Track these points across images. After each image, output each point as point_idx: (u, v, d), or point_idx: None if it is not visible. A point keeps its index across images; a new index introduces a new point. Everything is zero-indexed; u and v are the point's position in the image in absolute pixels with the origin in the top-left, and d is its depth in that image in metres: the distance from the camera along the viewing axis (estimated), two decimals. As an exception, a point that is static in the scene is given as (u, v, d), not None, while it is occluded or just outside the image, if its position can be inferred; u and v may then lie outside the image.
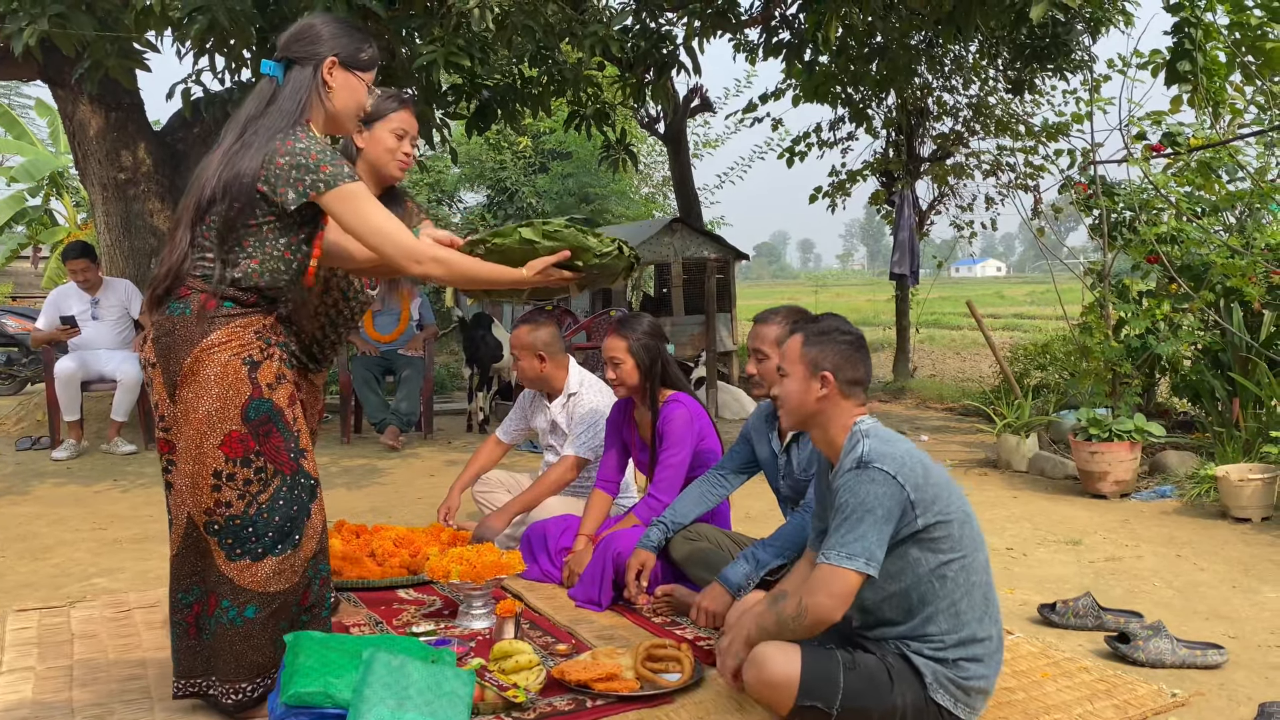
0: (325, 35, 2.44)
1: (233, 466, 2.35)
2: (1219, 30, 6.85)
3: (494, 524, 4.06)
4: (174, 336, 2.33)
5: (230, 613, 2.40)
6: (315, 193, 2.31)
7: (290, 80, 2.41)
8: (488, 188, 19.32)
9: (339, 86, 2.45)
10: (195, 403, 2.33)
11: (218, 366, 2.32)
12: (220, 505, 2.37)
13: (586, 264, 2.59)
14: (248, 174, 2.29)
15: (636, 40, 7.32)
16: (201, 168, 2.41)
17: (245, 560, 2.39)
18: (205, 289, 2.33)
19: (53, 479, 6.11)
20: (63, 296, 6.99)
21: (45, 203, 15.75)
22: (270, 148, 2.30)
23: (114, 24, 5.53)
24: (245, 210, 2.31)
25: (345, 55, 2.45)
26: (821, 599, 2.27)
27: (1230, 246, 6.07)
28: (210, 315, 2.33)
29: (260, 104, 2.40)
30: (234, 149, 2.35)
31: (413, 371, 7.54)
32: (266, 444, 2.38)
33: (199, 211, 2.34)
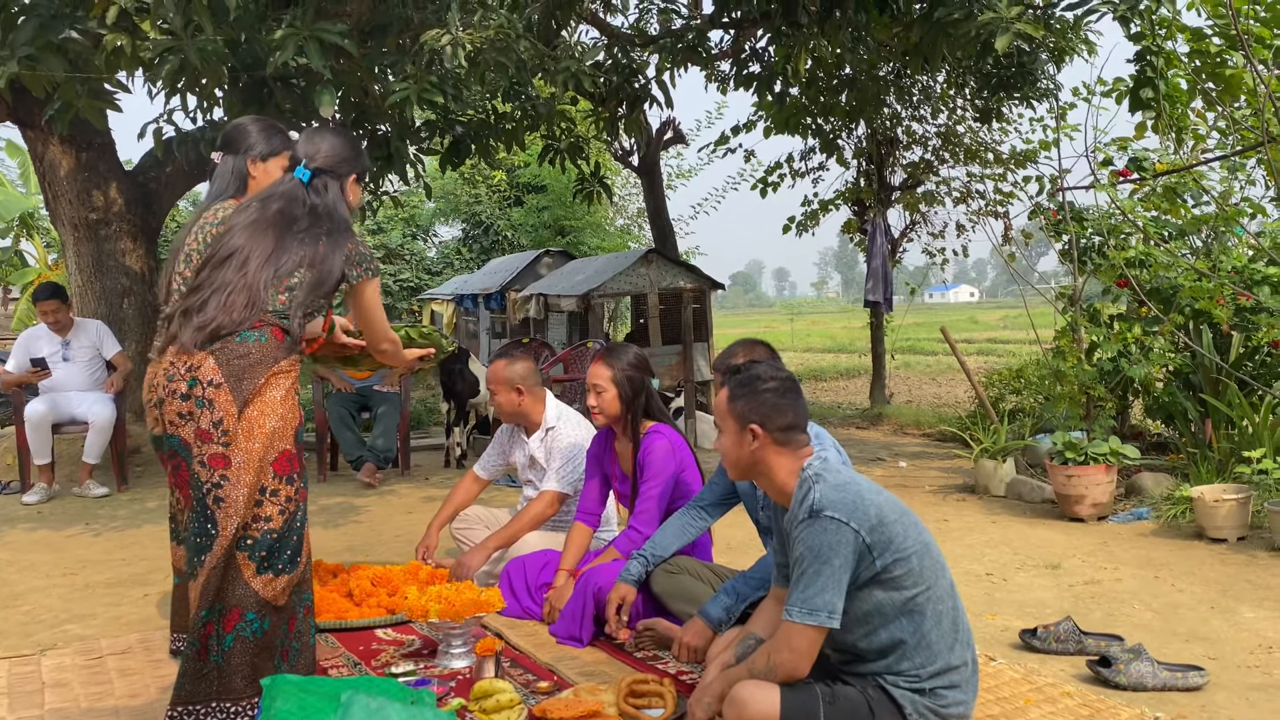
0: (349, 155, 2.97)
1: (278, 483, 2.62)
2: (1180, 58, 6.99)
3: (472, 561, 4.02)
4: (249, 359, 2.62)
5: (254, 625, 2.57)
6: (367, 277, 2.87)
7: (331, 189, 2.91)
8: (463, 221, 19.35)
9: (353, 196, 3.03)
10: (262, 420, 2.60)
11: (283, 390, 2.66)
12: (259, 520, 2.58)
13: (439, 354, 3.59)
14: (337, 265, 2.79)
15: (609, 75, 7.39)
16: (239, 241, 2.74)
17: (269, 574, 2.59)
18: (276, 324, 2.68)
19: (23, 524, 6.01)
20: (33, 338, 6.91)
21: (15, 244, 15.64)
22: (344, 244, 2.83)
23: (84, 65, 5.52)
24: (326, 283, 2.78)
25: (361, 172, 3.02)
26: (786, 656, 2.32)
27: (1197, 269, 6.16)
28: (280, 344, 2.68)
29: (304, 201, 2.84)
30: (303, 235, 2.77)
31: (389, 407, 7.49)
32: (300, 468, 2.69)
33: (277, 275, 2.71)
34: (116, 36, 4.99)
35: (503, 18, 5.35)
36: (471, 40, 5.23)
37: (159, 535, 5.57)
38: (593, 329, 9.86)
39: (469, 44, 5.23)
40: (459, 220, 19.49)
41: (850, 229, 11.36)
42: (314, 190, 2.88)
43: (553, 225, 17.97)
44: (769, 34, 8.33)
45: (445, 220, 19.94)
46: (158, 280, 8.28)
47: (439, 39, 5.22)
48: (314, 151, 2.93)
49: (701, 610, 3.15)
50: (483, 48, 5.33)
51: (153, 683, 3.25)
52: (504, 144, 7.50)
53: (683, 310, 9.25)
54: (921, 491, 6.43)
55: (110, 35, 4.99)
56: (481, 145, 7.35)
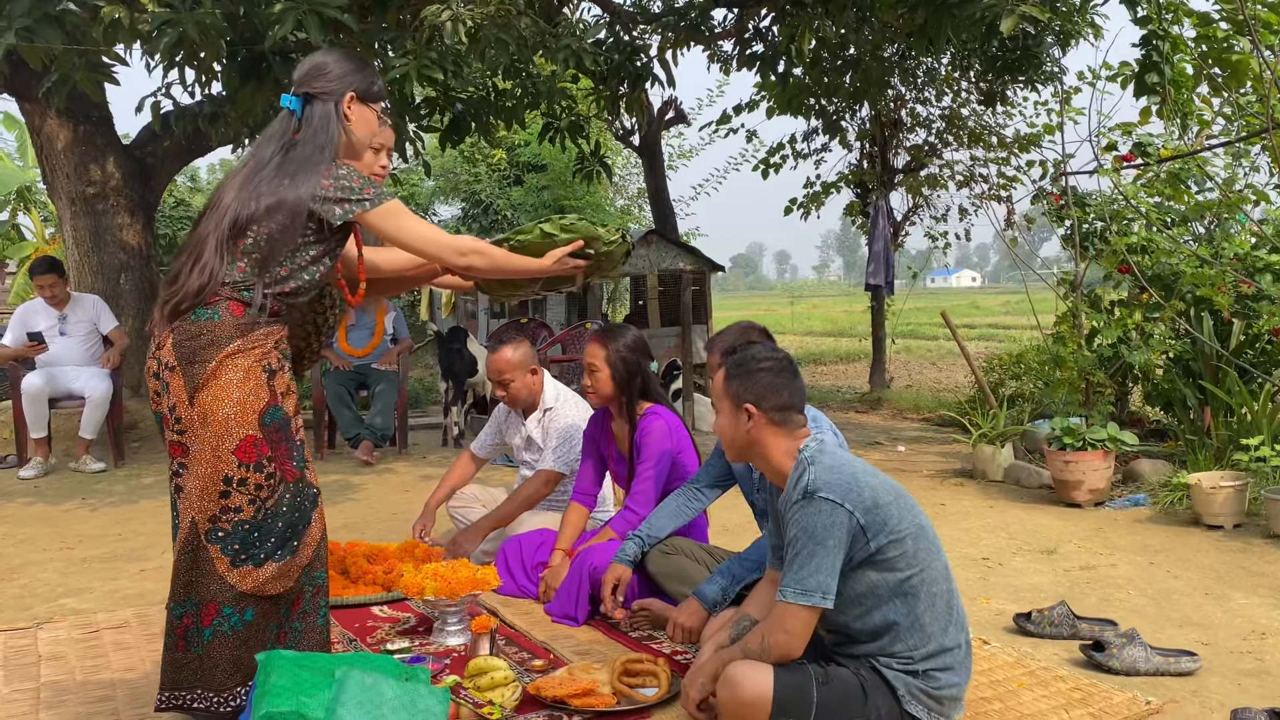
0: (340, 72, 2.62)
1: (245, 471, 2.41)
2: (1186, 43, 6.94)
3: (469, 540, 4.03)
4: (200, 340, 2.40)
5: (232, 619, 2.43)
6: (361, 210, 2.49)
7: (316, 114, 2.57)
8: (462, 200, 19.29)
9: (357, 119, 2.64)
10: (215, 406, 2.39)
11: (240, 371, 2.41)
12: (229, 511, 2.41)
13: (597, 252, 2.87)
14: (293, 199, 2.45)
15: (610, 53, 7.34)
16: (222, 190, 2.52)
17: (248, 566, 2.42)
18: (234, 296, 2.43)
19: (20, 498, 6.01)
20: (30, 312, 6.90)
21: (12, 218, 15.57)
22: (316, 175, 2.48)
23: (82, 38, 5.48)
24: (291, 228, 2.45)
25: (361, 89, 2.64)
26: (780, 637, 2.31)
27: (1199, 256, 6.14)
28: (238, 321, 2.42)
29: (285, 135, 2.55)
30: (272, 177, 2.47)
31: (387, 386, 7.49)
32: (277, 451, 2.45)
33: (234, 231, 2.44)
34: (114, 9, 4.96)
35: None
36: (472, 16, 5.20)
37: (155, 510, 5.57)
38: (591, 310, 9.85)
39: (469, 20, 5.19)
40: (458, 199, 19.43)
41: (852, 212, 11.32)
42: (304, 120, 2.57)
43: (552, 205, 17.91)
44: (773, 13, 8.28)
45: (445, 199, 19.88)
46: (155, 255, 8.28)
47: (439, 15, 5.19)
48: (304, 73, 2.61)
49: (696, 591, 3.15)
50: (483, 24, 5.30)
51: (148, 657, 3.25)
52: (504, 122, 7.46)
53: (682, 292, 9.23)
54: (919, 476, 6.44)
55: (108, 8, 4.95)
56: (481, 123, 7.32)
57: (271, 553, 2.44)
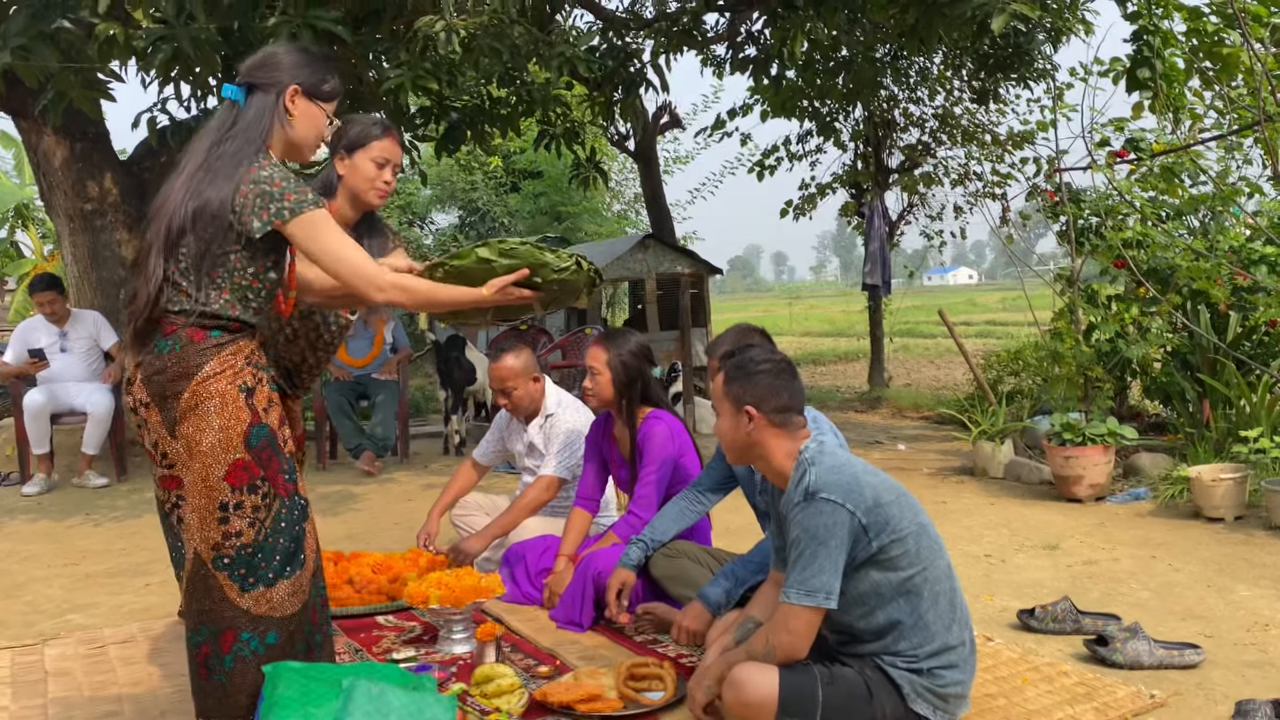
0: (289, 64, 2.44)
1: (240, 495, 2.33)
2: (1176, 37, 6.96)
3: (472, 548, 4.03)
4: (168, 374, 2.30)
5: (252, 644, 2.36)
6: (280, 220, 2.29)
7: (252, 105, 2.40)
8: (459, 208, 19.31)
9: (300, 115, 2.45)
10: (198, 436, 2.30)
11: (216, 397, 2.30)
12: (230, 537, 2.33)
13: (546, 280, 2.58)
14: (216, 203, 2.28)
15: (604, 59, 7.37)
16: (165, 193, 2.39)
17: (260, 589, 2.35)
18: (189, 323, 2.31)
19: (23, 515, 6.03)
20: (30, 329, 6.91)
21: (10, 235, 15.58)
22: (237, 176, 2.29)
23: (77, 55, 5.50)
24: (215, 240, 2.30)
25: (308, 84, 2.44)
26: (784, 638, 2.33)
27: (1195, 249, 6.16)
28: (201, 347, 2.31)
29: (223, 128, 2.39)
30: (199, 176, 2.33)
31: (387, 396, 7.50)
32: (268, 469, 2.37)
33: (169, 241, 2.32)
34: (109, 25, 4.98)
35: (496, 3, 5.33)
36: (465, 26, 5.22)
37: (158, 525, 5.55)
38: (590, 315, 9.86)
39: (463, 30, 5.22)
40: (455, 207, 19.45)
41: (848, 212, 11.35)
42: (242, 112, 2.39)
43: (549, 211, 17.95)
44: (764, 16, 8.31)
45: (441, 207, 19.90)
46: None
47: (433, 25, 5.21)
48: (251, 63, 2.44)
49: (700, 593, 3.16)
50: (477, 33, 5.32)
51: (155, 671, 3.26)
52: (499, 130, 7.49)
53: (680, 295, 9.24)
54: (920, 474, 6.45)
55: (103, 24, 4.97)
56: (477, 131, 7.35)
57: (280, 571, 2.38)
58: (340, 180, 3.19)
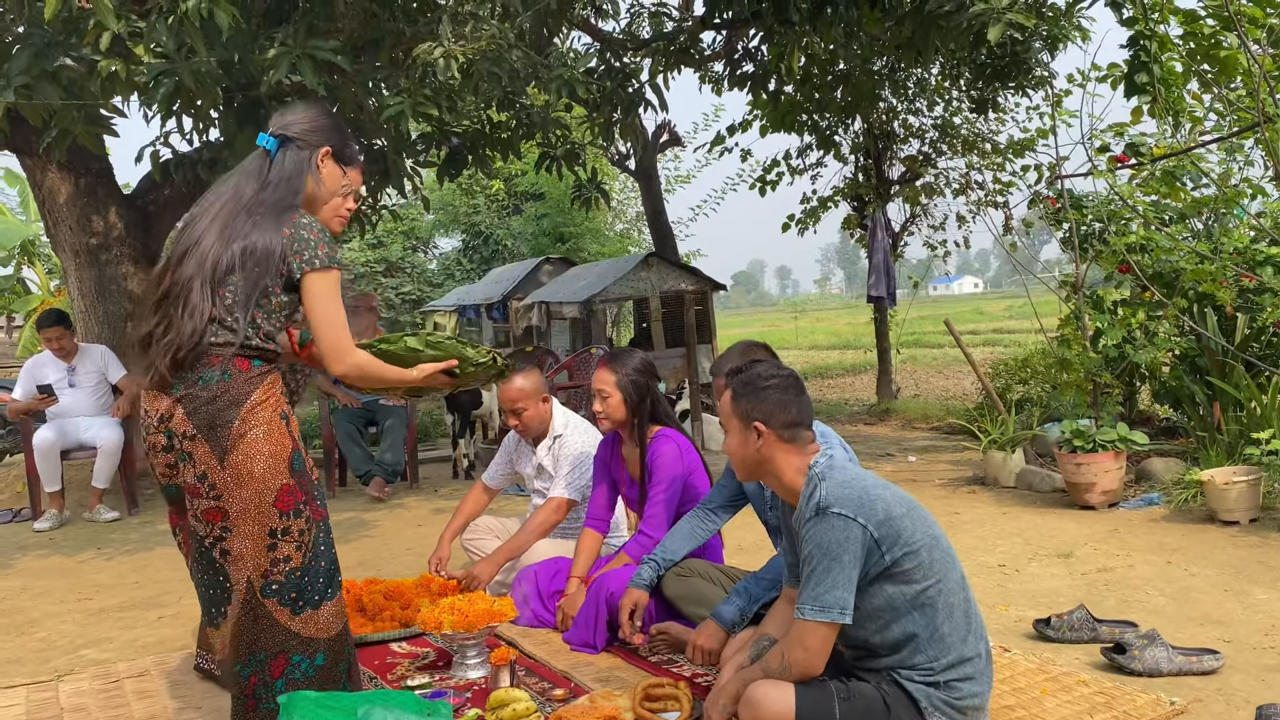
0: (322, 126, 2.64)
1: (287, 520, 2.41)
2: (1173, 41, 6.98)
3: (484, 572, 4.03)
4: (218, 403, 2.37)
5: (303, 665, 2.42)
6: (310, 268, 2.45)
7: (289, 158, 2.57)
8: (462, 232, 19.40)
9: (326, 175, 2.63)
10: (249, 464, 2.37)
11: (264, 424, 2.40)
12: (278, 562, 2.40)
13: (464, 371, 2.86)
14: (265, 247, 2.42)
15: (602, 80, 7.40)
16: (196, 231, 2.48)
17: (308, 611, 2.43)
18: (237, 354, 2.41)
19: (35, 551, 6.03)
20: (38, 365, 6.93)
21: (17, 271, 15.69)
22: (283, 223, 2.46)
23: (80, 91, 5.55)
24: (262, 278, 2.43)
25: (337, 148, 2.64)
26: (799, 655, 2.32)
27: (1199, 252, 6.15)
28: (248, 375, 2.41)
29: (260, 175, 2.54)
30: (243, 219, 2.46)
31: (395, 421, 7.50)
32: (307, 494, 2.46)
33: (215, 278, 2.42)
34: (111, 62, 5.02)
35: (494, 28, 5.37)
36: (464, 52, 5.26)
37: (171, 557, 5.58)
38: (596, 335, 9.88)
39: (461, 56, 5.25)
40: (458, 231, 19.54)
41: (850, 225, 11.36)
42: (275, 162, 2.56)
43: (552, 232, 18.01)
44: (761, 33, 8.34)
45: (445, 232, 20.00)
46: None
47: (431, 52, 5.24)
48: (286, 120, 2.63)
49: (714, 612, 3.15)
50: (475, 59, 5.35)
51: (170, 704, 3.25)
52: (500, 153, 7.52)
53: (685, 313, 9.25)
54: (931, 485, 6.43)
55: (104, 61, 5.01)
56: (478, 155, 7.38)
57: (323, 592, 2.46)
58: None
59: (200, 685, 3.39)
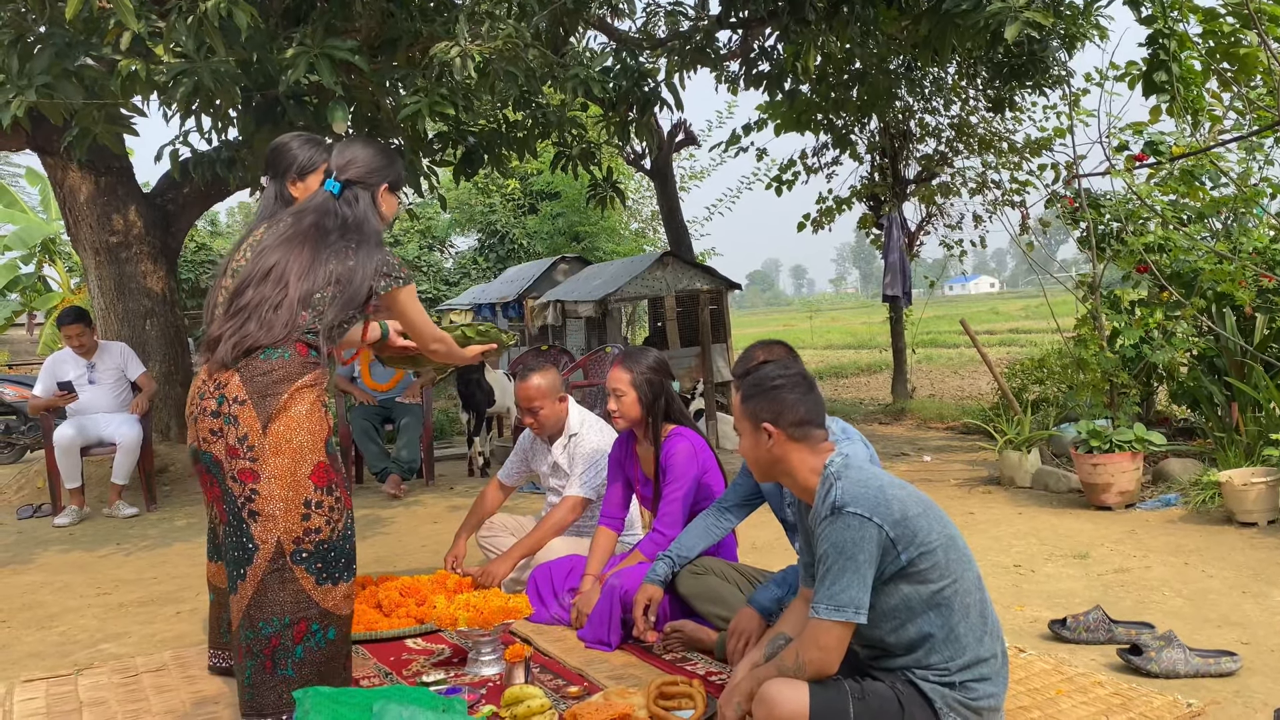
0: (378, 166, 3.00)
1: (320, 494, 2.66)
2: (1193, 40, 6.93)
3: (499, 569, 4.04)
4: (272, 376, 2.65)
5: (318, 635, 2.63)
6: (396, 286, 2.89)
7: (362, 201, 2.95)
8: (478, 231, 19.44)
9: (386, 208, 3.04)
10: (289, 434, 2.63)
11: (308, 404, 2.68)
12: (311, 532, 2.64)
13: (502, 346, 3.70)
14: (362, 277, 2.81)
15: (618, 80, 7.40)
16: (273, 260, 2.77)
17: (329, 584, 2.66)
18: (301, 339, 2.72)
19: (56, 546, 6.09)
20: (59, 362, 7.00)
21: (38, 269, 15.82)
22: (371, 258, 2.85)
23: (100, 91, 5.59)
24: (354, 297, 2.81)
25: (393, 181, 3.03)
26: (814, 654, 2.31)
27: (1218, 252, 6.11)
28: (305, 360, 2.71)
29: (335, 214, 2.88)
30: (327, 252, 2.80)
31: (411, 419, 7.53)
32: (338, 477, 2.73)
33: (309, 295, 2.75)
34: (131, 62, 5.05)
35: (510, 27, 5.38)
36: (480, 51, 5.27)
37: (189, 553, 5.63)
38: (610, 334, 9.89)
39: (478, 55, 5.26)
40: (474, 230, 19.59)
41: (866, 224, 11.33)
42: (345, 202, 2.92)
43: (567, 231, 18.03)
44: (777, 32, 8.33)
45: (461, 231, 20.04)
46: (179, 300, 8.39)
47: (448, 51, 5.26)
48: (344, 163, 2.96)
49: (752, 599, 3.13)
50: (491, 58, 5.37)
51: (188, 699, 3.28)
52: (516, 153, 7.53)
53: (700, 312, 9.25)
54: (947, 485, 6.41)
55: (124, 61, 5.05)
56: (494, 155, 7.40)
57: (342, 573, 2.69)
58: (292, 201, 3.24)
59: (218, 680, 3.41)
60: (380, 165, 3.00)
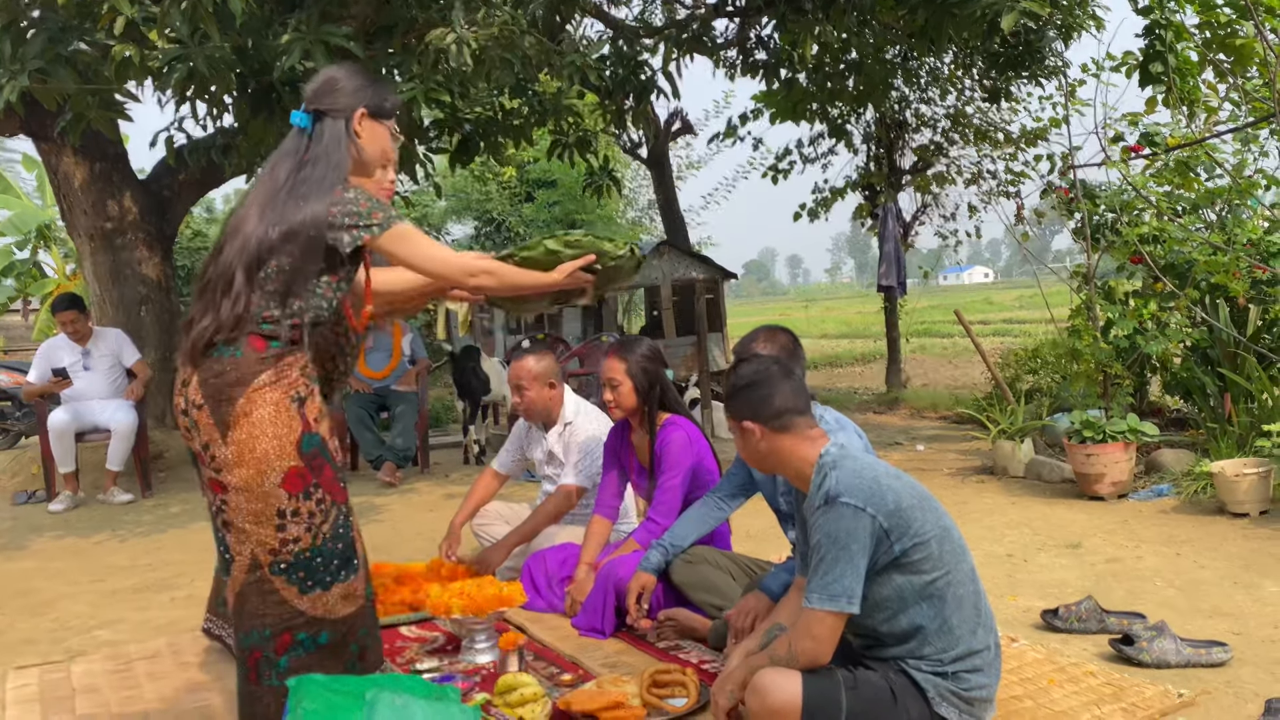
0: (352, 88, 2.55)
1: (296, 502, 2.38)
2: (1189, 30, 6.93)
3: (493, 558, 4.05)
4: (225, 378, 2.35)
5: (306, 644, 2.41)
6: (370, 235, 2.42)
7: (327, 132, 2.51)
8: (474, 219, 19.39)
9: (367, 136, 2.57)
10: (251, 443, 2.35)
11: (270, 406, 2.36)
12: (288, 542, 2.38)
13: (604, 266, 2.83)
14: (308, 224, 2.39)
15: (614, 68, 7.39)
16: (240, 218, 2.45)
17: (318, 591, 2.41)
18: (255, 331, 2.38)
19: (50, 532, 6.08)
20: (53, 349, 6.98)
21: (33, 255, 15.76)
22: (327, 200, 2.41)
23: (94, 76, 5.56)
24: (305, 258, 2.40)
25: (373, 106, 2.57)
26: (807, 644, 2.32)
27: (1212, 243, 6.11)
28: (261, 355, 2.37)
29: (298, 154, 2.49)
30: (282, 199, 2.42)
31: (407, 407, 7.53)
32: (321, 476, 2.43)
33: (256, 261, 2.39)
34: (125, 47, 5.03)
35: (506, 14, 5.36)
36: (476, 38, 5.25)
37: (183, 540, 5.63)
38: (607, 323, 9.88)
39: (474, 42, 5.24)
40: (471, 218, 19.54)
41: (861, 214, 11.33)
42: (314, 139, 2.50)
43: (564, 220, 18.00)
44: (774, 20, 8.31)
45: (457, 218, 19.99)
46: (174, 287, 8.37)
47: (444, 38, 5.24)
48: (314, 90, 2.54)
49: (762, 583, 3.14)
50: (487, 45, 5.35)
51: (181, 686, 3.29)
52: (512, 140, 7.52)
53: (696, 301, 9.25)
54: (940, 474, 6.42)
55: (118, 46, 5.03)
56: (490, 142, 7.38)
57: (335, 574, 2.43)
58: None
59: (214, 668, 3.42)
60: (355, 86, 2.54)
